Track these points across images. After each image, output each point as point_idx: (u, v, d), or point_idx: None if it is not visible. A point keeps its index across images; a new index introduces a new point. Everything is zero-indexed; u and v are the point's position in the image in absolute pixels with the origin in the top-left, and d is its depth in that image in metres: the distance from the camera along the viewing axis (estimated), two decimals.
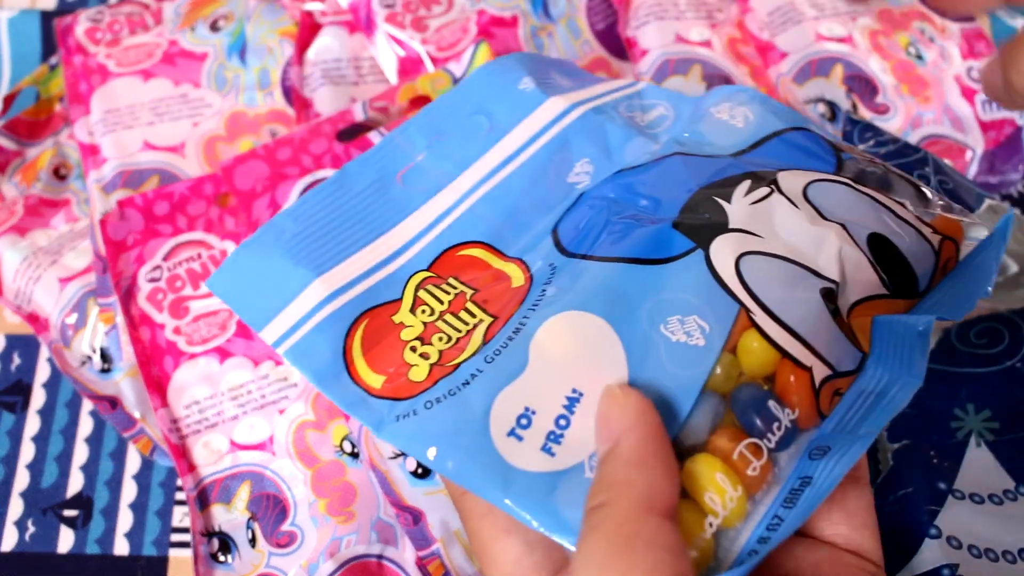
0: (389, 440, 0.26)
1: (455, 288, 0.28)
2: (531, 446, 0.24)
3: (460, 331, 0.27)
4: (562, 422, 0.25)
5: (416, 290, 0.28)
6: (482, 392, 0.25)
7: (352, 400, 0.27)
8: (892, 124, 0.40)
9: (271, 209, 0.36)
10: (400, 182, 0.31)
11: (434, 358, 0.27)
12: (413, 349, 0.27)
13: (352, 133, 0.38)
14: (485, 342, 0.26)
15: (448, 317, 0.28)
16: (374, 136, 0.38)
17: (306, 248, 0.29)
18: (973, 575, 0.29)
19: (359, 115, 0.39)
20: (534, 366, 0.25)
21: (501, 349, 0.26)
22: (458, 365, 0.26)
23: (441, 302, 0.28)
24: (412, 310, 0.28)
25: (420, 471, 0.33)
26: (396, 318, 0.28)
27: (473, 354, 0.26)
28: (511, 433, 0.24)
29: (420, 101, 0.40)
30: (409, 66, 0.42)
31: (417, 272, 0.29)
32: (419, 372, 0.26)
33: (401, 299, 0.28)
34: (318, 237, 0.29)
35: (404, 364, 0.27)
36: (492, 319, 0.27)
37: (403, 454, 0.32)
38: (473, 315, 0.27)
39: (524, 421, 0.25)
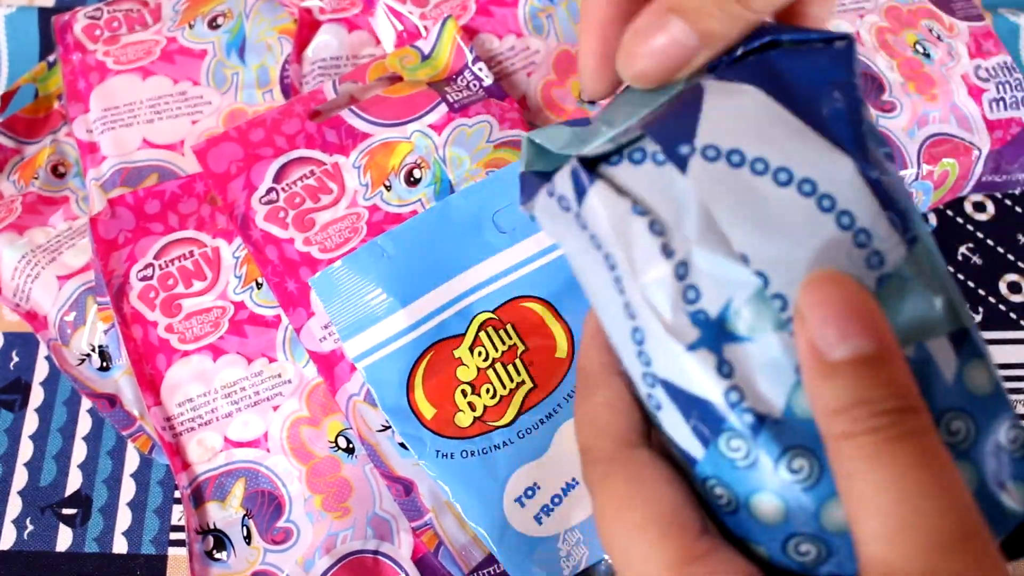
0: (426, 468, 0.32)
1: (511, 339, 0.33)
2: (528, 513, 0.31)
3: (504, 389, 0.32)
4: (556, 500, 0.31)
5: (478, 330, 0.33)
6: (508, 461, 0.31)
7: (407, 428, 0.32)
8: (898, 122, 0.40)
9: (246, 191, 0.36)
10: (493, 221, 0.34)
11: (479, 412, 0.32)
12: (464, 393, 0.32)
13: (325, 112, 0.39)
14: (522, 412, 0.32)
15: (498, 367, 0.32)
16: (346, 114, 0.38)
17: (398, 275, 0.33)
18: None
19: (330, 93, 0.39)
20: (552, 452, 0.31)
21: (532, 430, 0.32)
22: (495, 428, 0.32)
23: (496, 349, 0.33)
24: (471, 348, 0.33)
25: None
26: (457, 352, 0.33)
27: (510, 423, 0.32)
28: (518, 499, 0.31)
29: (390, 79, 0.40)
30: (408, 40, 0.42)
31: (484, 312, 0.33)
32: (464, 419, 0.32)
33: (464, 335, 0.33)
34: (411, 265, 0.33)
35: (453, 405, 0.32)
36: (533, 386, 0.32)
37: (390, 427, 0.33)
38: (519, 373, 0.32)
39: (530, 492, 0.31)
